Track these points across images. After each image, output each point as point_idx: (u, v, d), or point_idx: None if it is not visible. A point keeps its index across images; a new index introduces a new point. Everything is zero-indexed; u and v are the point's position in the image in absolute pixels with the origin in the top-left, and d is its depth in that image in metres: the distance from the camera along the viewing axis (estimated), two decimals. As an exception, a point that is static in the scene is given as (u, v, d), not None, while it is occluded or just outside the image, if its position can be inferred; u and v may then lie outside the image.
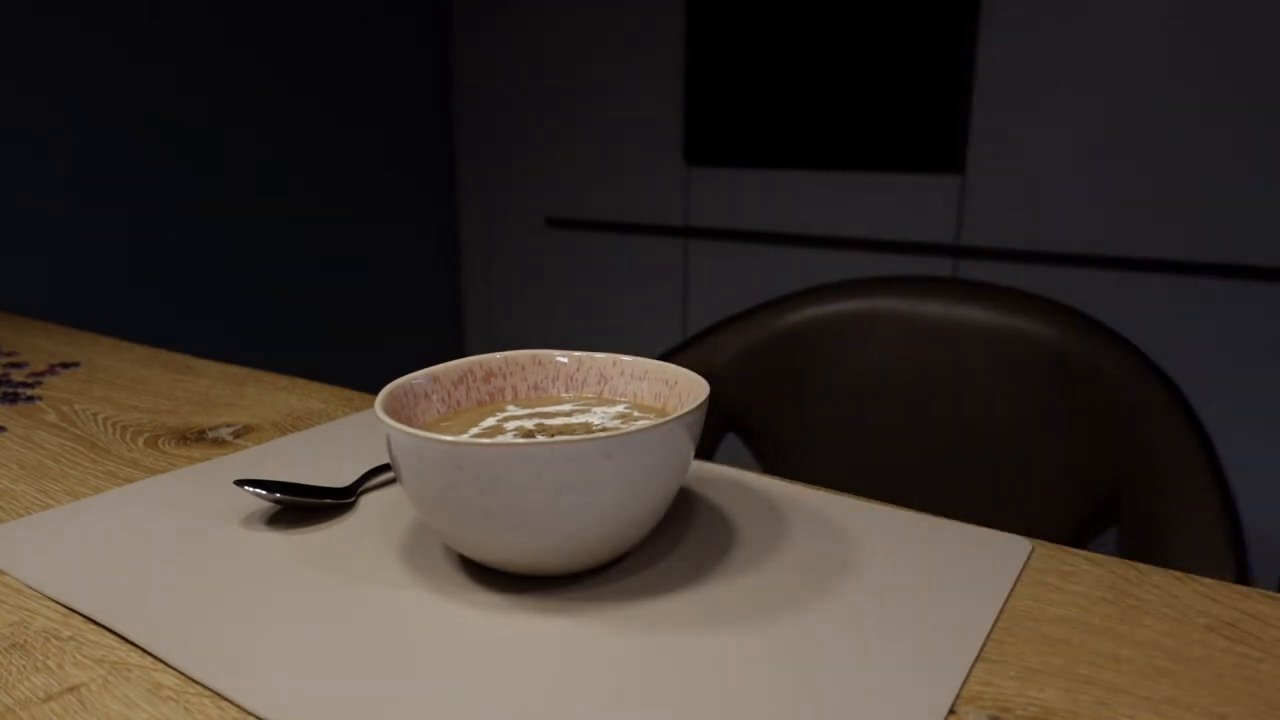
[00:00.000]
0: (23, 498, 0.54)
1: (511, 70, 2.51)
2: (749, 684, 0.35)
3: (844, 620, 0.39)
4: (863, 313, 0.88)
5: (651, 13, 2.23)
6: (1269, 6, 1.55)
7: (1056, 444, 0.78)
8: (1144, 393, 0.71)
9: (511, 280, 2.66)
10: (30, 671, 0.37)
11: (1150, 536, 0.67)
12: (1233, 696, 0.35)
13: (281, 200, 2.26)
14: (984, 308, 0.82)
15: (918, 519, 0.49)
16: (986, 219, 1.88)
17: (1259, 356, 1.66)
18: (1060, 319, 0.78)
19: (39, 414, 0.69)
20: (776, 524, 0.49)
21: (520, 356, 0.52)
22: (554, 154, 2.48)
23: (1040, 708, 0.34)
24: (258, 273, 2.24)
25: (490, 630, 0.39)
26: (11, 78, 1.76)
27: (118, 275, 1.98)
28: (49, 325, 0.98)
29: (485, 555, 0.42)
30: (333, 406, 0.70)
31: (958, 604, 0.41)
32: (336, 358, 2.44)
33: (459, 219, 2.73)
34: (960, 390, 0.83)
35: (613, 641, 0.38)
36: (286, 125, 2.24)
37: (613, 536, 0.41)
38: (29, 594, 0.43)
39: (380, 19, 2.42)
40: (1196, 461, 0.66)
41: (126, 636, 0.39)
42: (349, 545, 0.47)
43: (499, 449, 0.37)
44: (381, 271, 2.54)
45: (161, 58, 1.98)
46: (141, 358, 0.84)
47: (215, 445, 0.62)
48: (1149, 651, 0.37)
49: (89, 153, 1.90)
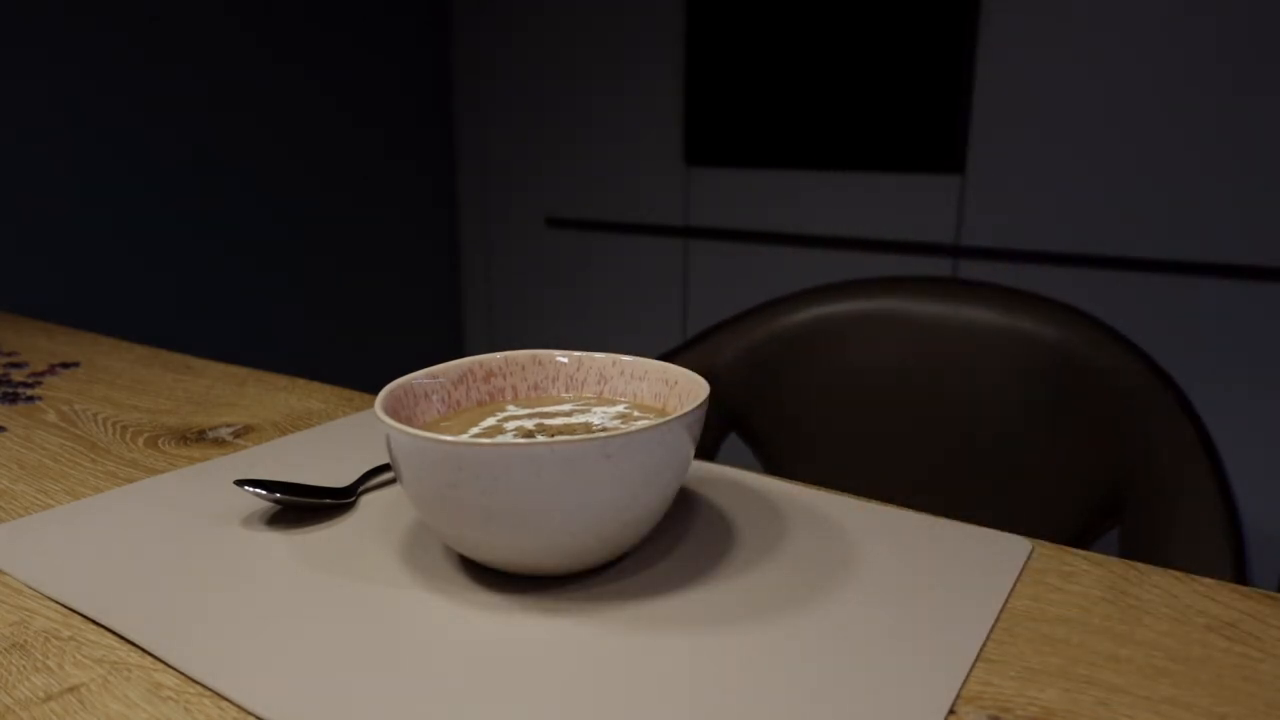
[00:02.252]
0: (23, 498, 0.54)
1: (511, 70, 2.52)
2: (749, 684, 0.35)
3: (844, 620, 0.39)
4: (863, 313, 0.88)
5: (651, 13, 2.23)
6: (1269, 6, 1.55)
7: (1057, 444, 0.78)
8: (1145, 392, 0.71)
9: (511, 280, 2.67)
10: (30, 671, 0.37)
11: (1151, 536, 0.67)
12: (1232, 696, 0.35)
13: (282, 200, 2.26)
14: (985, 308, 0.82)
15: (918, 519, 0.49)
16: (986, 219, 1.88)
17: (1260, 356, 1.66)
18: (1062, 319, 0.78)
19: (39, 414, 0.69)
20: (776, 524, 0.49)
21: (520, 356, 0.52)
22: (554, 154, 2.48)
23: (1040, 708, 0.34)
24: (258, 273, 2.24)
25: (490, 630, 0.39)
26: (12, 77, 1.76)
27: (118, 275, 1.98)
28: (49, 325, 0.98)
29: (485, 555, 0.42)
30: (333, 406, 0.70)
31: (958, 604, 0.41)
32: (336, 358, 2.44)
33: (459, 219, 2.73)
34: (961, 390, 0.83)
35: (613, 641, 0.38)
36: (287, 125, 2.24)
37: (613, 536, 0.41)
38: (29, 594, 0.43)
39: (381, 19, 2.42)
40: (1198, 461, 0.66)
41: (126, 636, 0.39)
42: (349, 545, 0.47)
43: (499, 449, 0.37)
44: (381, 271, 2.54)
45: (162, 58, 1.98)
46: (141, 358, 0.84)
47: (215, 445, 0.62)
48: (1149, 651, 0.37)
49: (89, 152, 1.90)
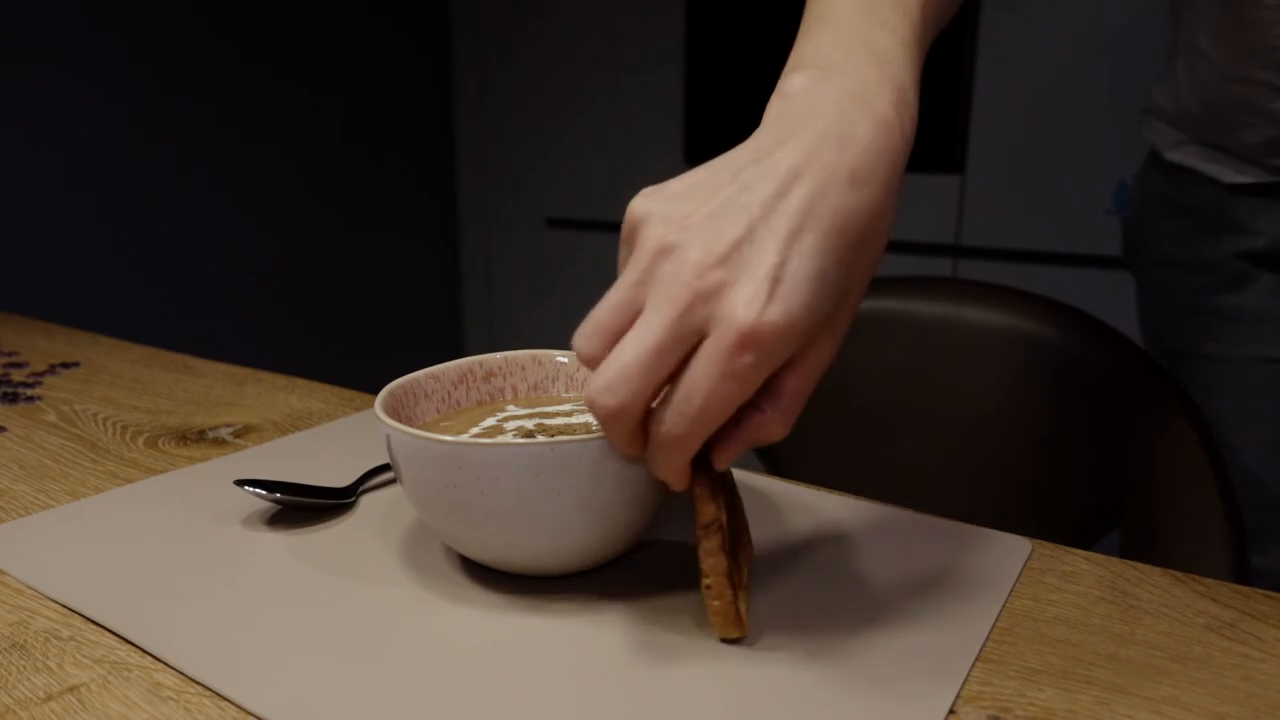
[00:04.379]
0: (23, 498, 0.54)
1: (511, 70, 2.52)
2: (749, 683, 0.35)
3: (844, 620, 0.39)
4: (863, 313, 0.87)
5: (652, 13, 2.23)
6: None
7: (1058, 444, 0.78)
8: (1146, 393, 0.71)
9: (511, 280, 2.66)
10: (30, 671, 0.37)
11: (1151, 536, 0.67)
12: (1232, 696, 0.35)
13: (281, 200, 2.26)
14: (986, 308, 0.82)
15: (918, 519, 0.49)
16: (986, 219, 1.88)
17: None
18: (1062, 319, 0.78)
19: (39, 414, 0.69)
20: (777, 524, 0.49)
21: (520, 356, 0.52)
22: (554, 154, 2.48)
23: (1040, 707, 0.34)
24: (258, 273, 2.24)
25: (490, 630, 0.39)
26: (13, 77, 1.76)
27: (118, 275, 1.98)
28: (49, 325, 0.98)
29: (485, 555, 0.42)
30: (333, 406, 0.70)
31: (957, 604, 0.41)
32: (336, 358, 2.44)
33: (459, 219, 2.73)
34: (961, 390, 0.83)
35: (613, 641, 0.38)
36: (287, 125, 2.24)
37: (613, 536, 0.41)
38: (29, 594, 0.43)
39: (381, 19, 2.42)
40: (1198, 461, 0.66)
41: (126, 636, 0.39)
42: (349, 545, 0.47)
43: (499, 449, 0.37)
44: (381, 271, 2.54)
45: (163, 58, 1.98)
46: (141, 358, 0.84)
47: (215, 445, 0.62)
48: (1148, 651, 0.37)
49: (89, 153, 1.90)
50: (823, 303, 0.33)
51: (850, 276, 0.35)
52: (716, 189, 0.34)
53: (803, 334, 0.33)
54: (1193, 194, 0.79)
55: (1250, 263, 0.76)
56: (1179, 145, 0.80)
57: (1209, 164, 0.77)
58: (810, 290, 0.33)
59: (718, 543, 0.36)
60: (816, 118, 0.35)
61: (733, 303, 0.32)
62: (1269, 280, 0.76)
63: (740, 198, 0.33)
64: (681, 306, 0.32)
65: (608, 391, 0.33)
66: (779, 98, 0.37)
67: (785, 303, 0.32)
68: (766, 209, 0.33)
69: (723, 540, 0.36)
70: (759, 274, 0.32)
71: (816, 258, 0.33)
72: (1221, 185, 0.77)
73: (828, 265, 0.33)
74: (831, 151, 0.34)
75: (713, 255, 0.32)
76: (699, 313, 0.32)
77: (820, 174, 0.34)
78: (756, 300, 0.32)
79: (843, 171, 0.34)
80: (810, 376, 0.35)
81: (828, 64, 0.37)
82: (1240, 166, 0.75)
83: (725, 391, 0.32)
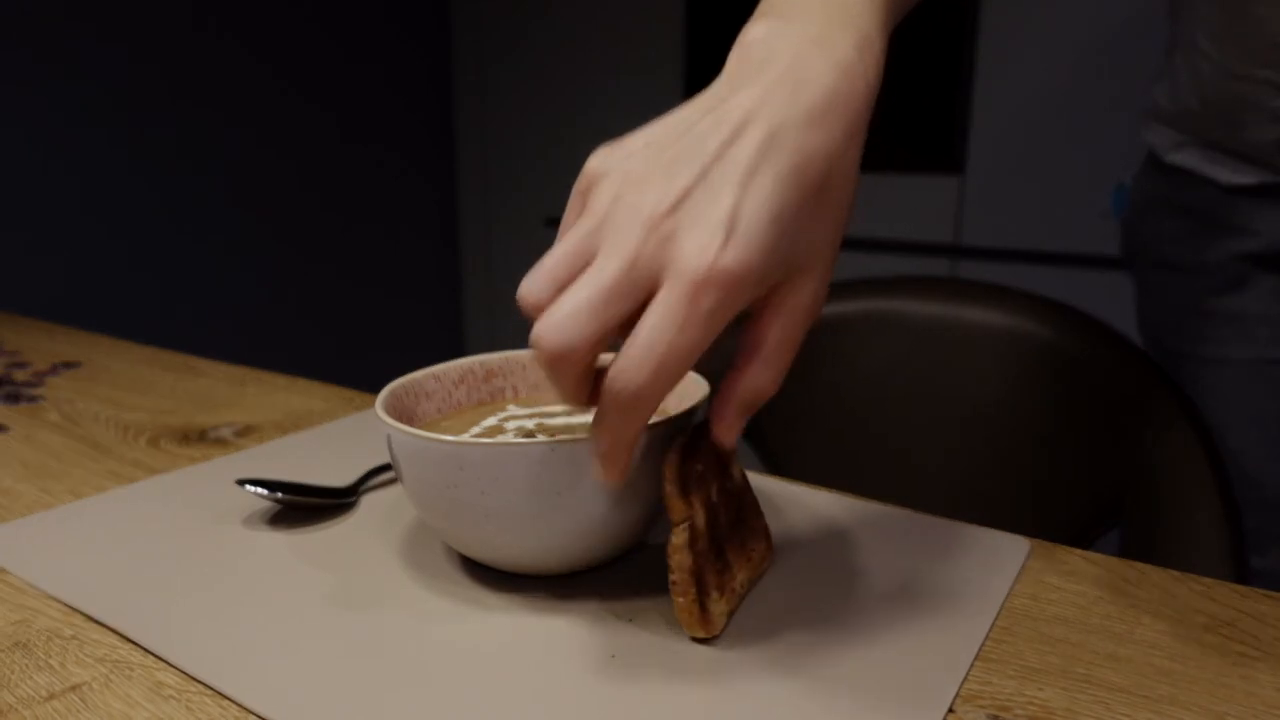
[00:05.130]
0: (25, 497, 0.54)
1: (511, 70, 2.52)
2: (749, 681, 0.35)
3: (843, 619, 0.39)
4: (863, 313, 0.88)
5: (651, 13, 2.23)
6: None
7: (1058, 444, 0.78)
8: (1146, 393, 0.71)
9: (511, 280, 2.66)
10: (32, 670, 0.37)
11: (1151, 536, 0.67)
12: (1231, 696, 0.35)
13: (282, 200, 2.27)
14: (985, 308, 0.82)
15: (917, 519, 0.49)
16: (986, 219, 1.88)
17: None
18: (1062, 319, 0.78)
19: (41, 414, 0.69)
20: (776, 524, 0.49)
21: (520, 356, 0.52)
22: (554, 154, 2.49)
23: (1039, 707, 0.34)
24: (259, 273, 2.24)
25: (491, 630, 0.39)
26: (13, 77, 1.77)
27: (119, 275, 1.98)
28: (51, 325, 0.98)
29: (485, 555, 0.42)
30: (333, 406, 0.70)
31: (957, 603, 0.41)
32: (336, 358, 2.44)
33: (459, 219, 2.73)
34: (961, 391, 0.83)
35: (613, 641, 0.38)
36: (287, 125, 2.24)
37: (613, 536, 0.41)
38: (31, 593, 0.43)
39: (381, 19, 2.42)
40: (1197, 461, 0.66)
41: (128, 635, 0.39)
42: (349, 545, 0.47)
43: (499, 449, 0.37)
44: (382, 271, 2.54)
45: (163, 58, 1.98)
46: (143, 357, 0.85)
47: (217, 445, 0.62)
48: (1147, 651, 0.38)
49: (90, 152, 1.90)
50: (782, 244, 0.32)
51: (816, 223, 0.34)
52: (672, 141, 0.34)
53: (761, 278, 0.32)
54: (1192, 195, 0.80)
55: (1249, 264, 0.77)
56: (1178, 147, 0.80)
57: (1208, 165, 0.77)
58: (768, 232, 0.32)
59: (684, 540, 0.36)
60: (773, 63, 0.35)
61: (687, 248, 0.31)
62: (1268, 282, 0.76)
63: (694, 146, 0.33)
64: (634, 252, 0.32)
65: (555, 330, 0.32)
66: (738, 47, 0.37)
67: (740, 246, 0.31)
68: (719, 155, 0.33)
69: (691, 538, 0.36)
70: (714, 218, 0.31)
71: (773, 199, 0.32)
72: (1221, 186, 0.77)
73: (785, 207, 0.32)
74: (786, 93, 0.33)
75: (666, 202, 0.32)
76: (654, 259, 0.32)
77: (774, 116, 0.33)
78: (712, 245, 0.31)
79: (798, 113, 0.33)
80: (792, 324, 0.35)
81: (789, 12, 0.37)
82: (1240, 167, 0.75)
83: (685, 339, 0.31)
